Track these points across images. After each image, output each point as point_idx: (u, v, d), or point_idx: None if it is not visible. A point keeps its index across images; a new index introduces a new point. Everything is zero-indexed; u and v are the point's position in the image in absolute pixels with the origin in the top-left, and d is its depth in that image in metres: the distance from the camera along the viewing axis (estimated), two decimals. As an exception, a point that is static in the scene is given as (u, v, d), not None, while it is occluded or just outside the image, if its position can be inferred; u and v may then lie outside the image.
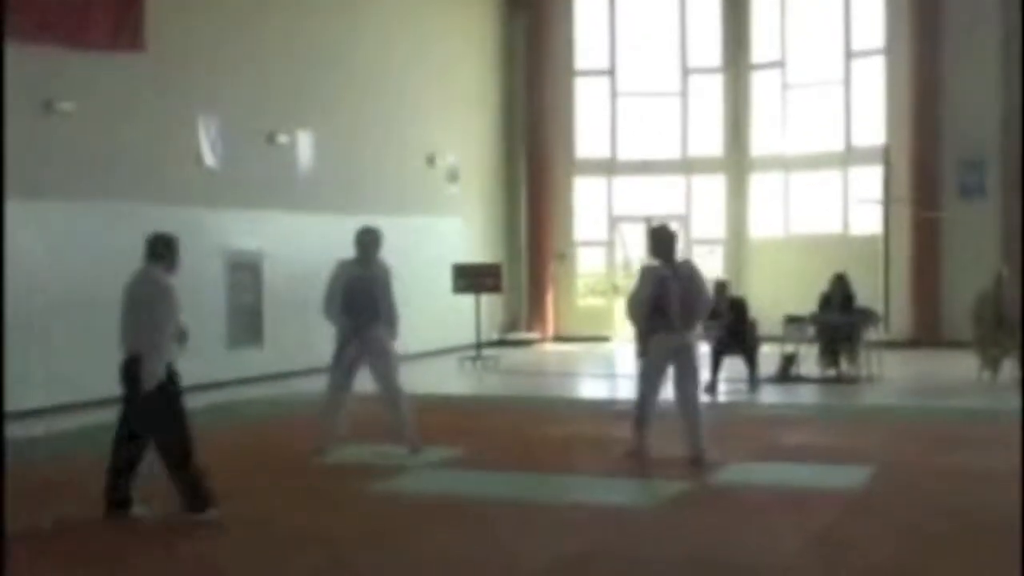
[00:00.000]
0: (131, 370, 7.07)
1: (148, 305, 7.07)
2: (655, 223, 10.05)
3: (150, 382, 6.98)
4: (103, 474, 7.20)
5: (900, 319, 19.39)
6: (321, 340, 10.10)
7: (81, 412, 11.66)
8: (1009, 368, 14.32)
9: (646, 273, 9.23)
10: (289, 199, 16.06)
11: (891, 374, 15.07)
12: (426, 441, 9.40)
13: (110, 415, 7.55)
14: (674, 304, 8.93)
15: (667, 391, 9.25)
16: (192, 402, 12.97)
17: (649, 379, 9.22)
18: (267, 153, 15.73)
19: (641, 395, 9.31)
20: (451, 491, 8.17)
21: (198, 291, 14.41)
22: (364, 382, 9.48)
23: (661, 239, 9.23)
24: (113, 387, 7.35)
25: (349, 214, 16.80)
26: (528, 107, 22.31)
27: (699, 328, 9.36)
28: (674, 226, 9.91)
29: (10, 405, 9.50)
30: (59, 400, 12.17)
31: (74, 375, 12.33)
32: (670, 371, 9.16)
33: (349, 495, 7.77)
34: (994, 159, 19.60)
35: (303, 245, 16.02)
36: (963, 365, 15.08)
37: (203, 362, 14.41)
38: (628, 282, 20.46)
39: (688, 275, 9.14)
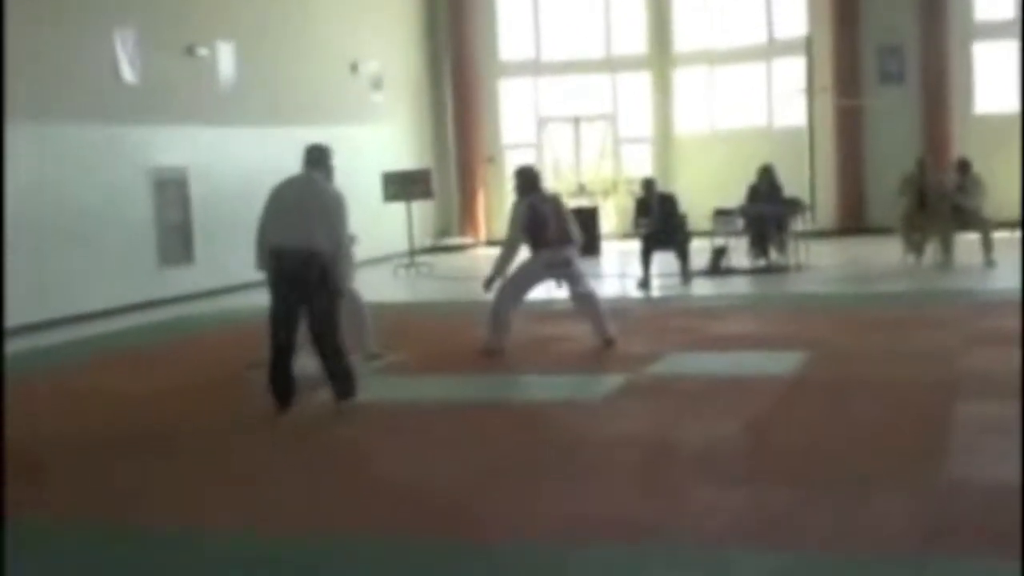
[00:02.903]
0: (315, 267, 7.29)
1: (327, 209, 7.39)
2: (520, 165, 10.51)
3: (346, 283, 7.51)
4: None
5: (826, 208, 19.69)
6: (252, 254, 10.00)
7: None
8: (931, 251, 14.66)
9: (517, 206, 9.58)
10: (212, 113, 15.83)
11: (819, 262, 15.38)
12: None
13: None
14: (550, 222, 9.46)
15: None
16: (126, 321, 13.04)
17: (517, 284, 9.61)
18: (187, 66, 15.45)
19: (502, 296, 9.59)
20: (394, 396, 8.24)
21: (125, 209, 14.30)
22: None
23: (526, 178, 9.72)
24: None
25: (274, 126, 16.66)
26: (450, 9, 22.09)
27: (575, 247, 9.69)
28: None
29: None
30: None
31: None
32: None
33: (297, 405, 7.81)
34: (913, 44, 19.83)
35: (229, 159, 15.86)
36: (888, 251, 15.41)
37: (134, 281, 14.37)
38: (557, 184, 20.59)
39: (556, 201, 9.76)
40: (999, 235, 14.90)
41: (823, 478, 5.57)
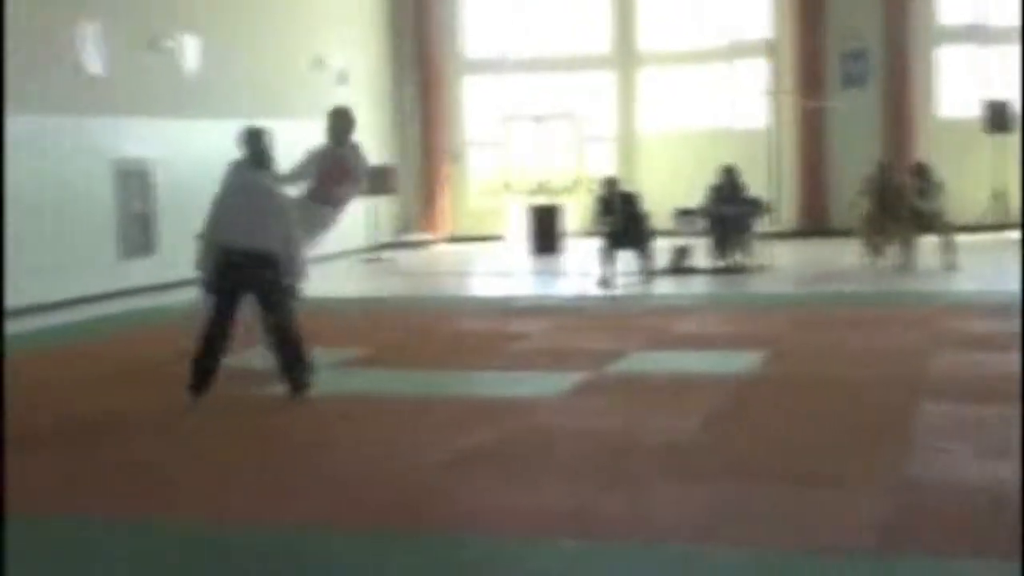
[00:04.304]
0: (270, 264, 7.47)
1: (281, 211, 7.61)
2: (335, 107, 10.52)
3: (303, 276, 7.67)
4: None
5: (788, 209, 19.81)
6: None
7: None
8: (892, 254, 14.78)
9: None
10: (177, 105, 15.71)
11: (781, 263, 15.47)
12: (326, 343, 9.37)
13: None
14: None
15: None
16: (86, 313, 12.92)
17: None
18: (152, 59, 15.33)
19: None
20: (355, 390, 8.22)
21: (87, 200, 14.17)
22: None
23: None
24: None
25: (239, 119, 16.52)
26: (414, 6, 22.06)
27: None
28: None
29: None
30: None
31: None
32: None
33: (251, 398, 7.78)
34: (876, 48, 19.99)
35: (193, 151, 15.73)
36: (849, 252, 15.52)
37: (95, 272, 14.24)
38: (521, 183, 20.60)
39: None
40: (960, 239, 15.03)
41: (783, 475, 5.60)
